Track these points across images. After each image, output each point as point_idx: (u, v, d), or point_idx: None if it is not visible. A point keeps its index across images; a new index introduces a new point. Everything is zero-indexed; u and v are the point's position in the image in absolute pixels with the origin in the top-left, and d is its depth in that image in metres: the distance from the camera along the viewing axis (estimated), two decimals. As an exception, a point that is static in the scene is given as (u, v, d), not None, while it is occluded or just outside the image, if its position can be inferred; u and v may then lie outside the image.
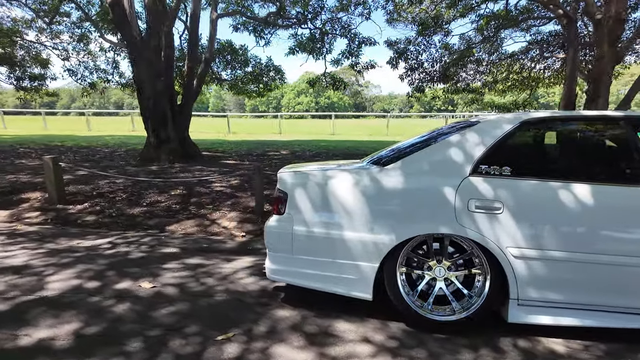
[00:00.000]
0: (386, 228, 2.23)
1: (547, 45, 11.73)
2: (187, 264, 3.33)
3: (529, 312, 2.15)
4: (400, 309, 2.26)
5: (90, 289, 2.76)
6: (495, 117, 2.42)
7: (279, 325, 2.28)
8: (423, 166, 2.31)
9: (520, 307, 2.15)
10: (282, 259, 2.46)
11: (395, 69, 11.38)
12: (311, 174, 2.47)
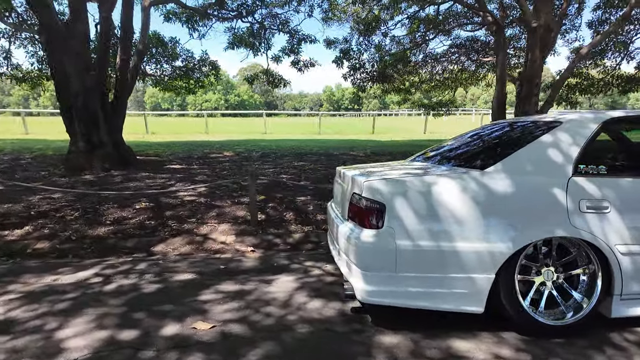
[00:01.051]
0: (502, 235, 2.12)
1: (472, 50, 12.88)
2: (223, 291, 2.83)
3: (629, 305, 2.24)
4: (515, 317, 2.18)
5: (130, 342, 2.16)
6: (577, 116, 2.47)
7: (399, 354, 2.03)
8: (525, 168, 2.26)
9: (621, 302, 2.22)
10: (381, 279, 2.19)
11: (340, 68, 11.43)
12: (409, 182, 2.24)
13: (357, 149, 11.95)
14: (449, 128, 21.83)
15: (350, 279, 2.33)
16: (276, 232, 4.40)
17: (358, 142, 14.45)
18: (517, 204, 2.18)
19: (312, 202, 5.36)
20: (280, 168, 8.26)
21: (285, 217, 4.83)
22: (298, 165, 8.61)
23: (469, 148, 2.94)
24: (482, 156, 2.55)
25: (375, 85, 12.17)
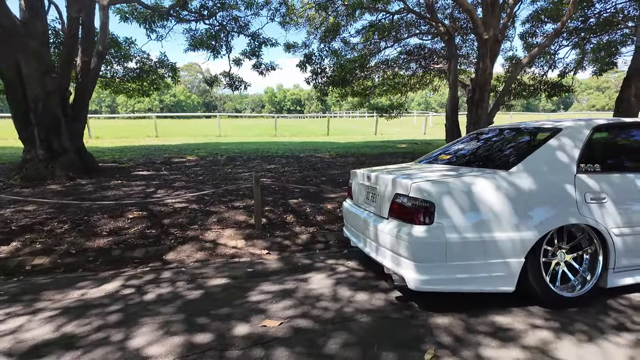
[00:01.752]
0: (529, 225, 2.53)
1: (420, 57, 13.79)
2: (268, 291, 2.97)
3: (620, 277, 2.77)
4: (540, 293, 2.60)
5: (209, 344, 2.24)
6: (574, 123, 2.98)
7: (456, 332, 2.35)
8: (541, 168, 2.70)
9: (615, 274, 2.75)
10: (433, 268, 2.50)
11: (304, 72, 11.66)
12: (452, 183, 2.58)
13: (321, 151, 12.27)
14: (396, 129, 23.01)
15: (401, 271, 2.60)
16: (283, 234, 4.55)
17: (319, 144, 14.78)
18: (539, 198, 2.61)
19: (307, 204, 5.56)
20: (255, 172, 8.29)
21: (286, 220, 4.98)
22: (271, 169, 8.71)
23: (485, 151, 3.36)
24: (502, 158, 2.97)
25: (336, 88, 12.58)
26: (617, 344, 2.22)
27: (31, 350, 2.22)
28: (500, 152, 3.20)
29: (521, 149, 2.97)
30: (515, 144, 3.23)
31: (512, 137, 3.37)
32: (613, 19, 12.62)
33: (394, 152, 12.06)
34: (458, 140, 3.91)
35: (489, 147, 3.42)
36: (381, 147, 13.39)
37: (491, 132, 3.70)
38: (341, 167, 8.82)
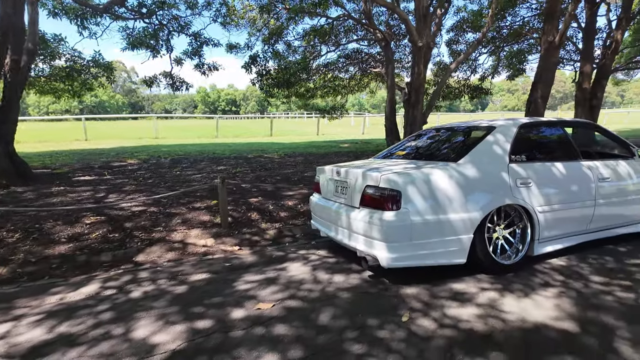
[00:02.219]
0: (476, 206, 3.07)
1: (357, 61, 14.53)
2: (252, 281, 3.19)
3: (543, 246, 3.43)
4: (485, 262, 3.15)
5: (212, 328, 2.43)
6: (504, 122, 3.60)
7: (424, 298, 2.79)
8: (483, 160, 3.26)
9: (538, 244, 3.41)
10: (401, 247, 2.93)
11: (249, 74, 11.73)
12: (414, 174, 3.02)
13: (268, 151, 12.44)
14: (336, 129, 23.80)
15: (374, 252, 2.99)
16: (250, 231, 4.74)
17: (264, 144, 14.90)
18: (482, 184, 3.16)
19: (268, 202, 5.78)
20: (206, 173, 8.28)
21: (251, 217, 5.17)
22: (222, 170, 8.74)
23: (436, 147, 3.89)
24: (451, 152, 3.50)
25: (281, 90, 12.82)
26: (545, 296, 2.81)
27: (31, 351, 2.24)
28: (449, 147, 3.75)
29: (465, 144, 3.53)
30: (460, 140, 3.80)
31: (456, 134, 3.95)
32: (521, 30, 14.42)
33: (339, 151, 12.62)
34: (410, 138, 4.44)
35: (439, 143, 3.97)
36: (326, 147, 13.90)
37: (438, 130, 4.27)
38: (292, 167, 9.11)
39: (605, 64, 12.81)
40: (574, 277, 3.15)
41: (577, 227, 3.62)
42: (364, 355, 2.13)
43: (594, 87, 12.86)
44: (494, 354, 2.12)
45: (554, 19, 9.78)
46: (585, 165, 3.67)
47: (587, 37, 12.82)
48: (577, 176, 3.58)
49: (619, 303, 2.68)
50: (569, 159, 3.67)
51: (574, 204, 3.52)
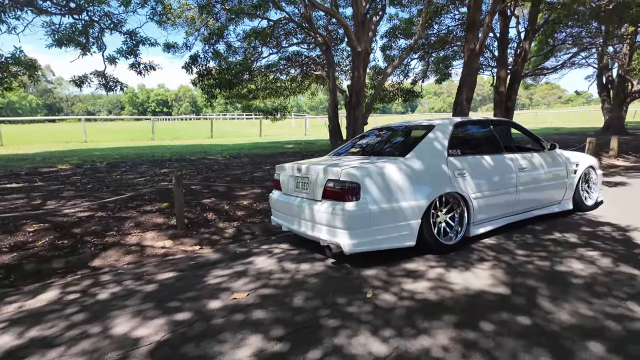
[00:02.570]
0: (422, 195, 3.49)
1: (297, 63, 14.83)
2: (222, 275, 3.31)
3: (476, 228, 3.98)
4: (431, 244, 3.58)
5: (192, 319, 2.54)
6: (441, 121, 4.09)
7: (383, 277, 3.14)
8: (426, 154, 3.70)
9: (473, 227, 3.94)
10: (361, 234, 3.25)
11: (190, 74, 11.47)
12: (370, 168, 3.37)
13: (212, 153, 12.25)
14: (278, 130, 23.92)
15: (337, 239, 3.29)
16: (208, 231, 4.80)
17: (206, 146, 14.59)
18: (427, 176, 3.60)
19: (222, 202, 5.83)
20: (149, 177, 8.03)
21: (207, 218, 5.21)
22: (166, 172, 8.51)
23: (384, 144, 4.28)
24: (399, 148, 3.90)
25: (223, 91, 12.68)
26: (481, 269, 3.30)
27: (4, 356, 2.19)
28: (396, 144, 4.17)
29: (410, 141, 3.96)
30: (406, 137, 4.24)
31: (402, 132, 4.39)
32: (446, 38, 15.75)
33: (284, 151, 12.82)
34: (359, 137, 4.81)
35: (386, 141, 4.38)
36: (271, 148, 14.02)
37: (383, 130, 4.69)
38: (240, 168, 9.13)
39: (517, 70, 14.48)
40: (503, 252, 3.71)
41: (504, 211, 4.23)
42: (338, 328, 2.40)
43: (509, 91, 14.45)
44: (446, 317, 2.51)
45: (474, 29, 10.90)
46: (507, 158, 4.31)
47: (501, 46, 14.37)
48: (502, 167, 4.19)
49: (539, 270, 3.25)
50: (495, 152, 4.28)
51: (501, 191, 4.12)
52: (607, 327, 2.34)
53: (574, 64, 19.29)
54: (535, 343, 2.19)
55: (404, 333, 2.33)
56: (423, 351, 2.14)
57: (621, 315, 2.47)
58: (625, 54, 18.84)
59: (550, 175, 4.66)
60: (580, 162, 5.06)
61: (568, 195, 4.95)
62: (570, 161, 4.95)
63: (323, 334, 2.34)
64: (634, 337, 2.23)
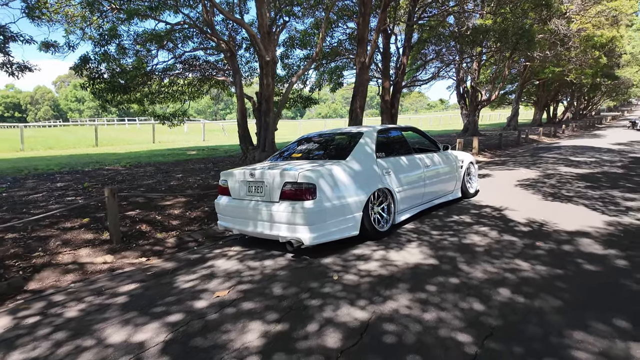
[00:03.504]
0: (362, 191, 4.14)
1: (194, 67, 14.50)
2: (191, 279, 3.44)
3: (399, 216, 4.80)
4: (370, 231, 4.25)
5: (187, 318, 2.70)
6: (367, 128, 4.81)
7: (339, 263, 3.67)
8: (362, 157, 4.37)
9: (397, 215, 4.76)
10: (318, 228, 3.74)
11: (81, 77, 10.35)
12: (322, 170, 3.87)
13: (106, 163, 11.26)
14: (170, 137, 22.67)
15: (297, 235, 3.71)
16: (147, 242, 4.72)
17: (95, 156, 13.25)
18: (363, 175, 4.26)
19: (150, 213, 5.67)
20: (46, 192, 7.19)
21: (141, 229, 5.06)
22: (64, 186, 7.69)
23: (324, 149, 4.81)
24: (339, 152, 4.47)
25: (117, 95, 11.74)
26: (411, 247, 4.08)
27: (-1, 382, 2.09)
28: (335, 149, 4.75)
29: (347, 146, 4.59)
30: (341, 143, 4.86)
31: (336, 139, 5.00)
32: (338, 50, 17.18)
33: (189, 158, 12.46)
34: (297, 143, 5.27)
35: (325, 146, 4.94)
36: (172, 155, 13.44)
37: (318, 136, 5.25)
38: (149, 177, 8.71)
39: (398, 81, 16.57)
40: (422, 234, 4.59)
41: (417, 201, 5.17)
42: (322, 305, 2.85)
43: (392, 99, 16.46)
44: (400, 285, 3.16)
45: (364, 45, 12.28)
46: (417, 158, 5.27)
47: (385, 60, 16.29)
48: (414, 165, 5.13)
49: (452, 244, 4.17)
50: (408, 153, 5.20)
51: (414, 185, 5.04)
52: (507, 277, 3.27)
53: (439, 76, 22.79)
54: (466, 294, 2.97)
55: (375, 301, 2.90)
56: (394, 311, 2.74)
57: (513, 269, 3.45)
58: (475, 70, 23.02)
59: (446, 170, 5.81)
60: (465, 159, 6.37)
61: (458, 186, 6.19)
62: (457, 159, 6.20)
63: (312, 311, 2.76)
64: (525, 282, 3.18)
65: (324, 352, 2.27)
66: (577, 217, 5.09)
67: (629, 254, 3.73)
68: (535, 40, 16.83)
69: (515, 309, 2.73)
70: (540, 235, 4.38)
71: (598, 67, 26.34)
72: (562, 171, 9.41)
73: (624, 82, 42.43)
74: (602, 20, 21.87)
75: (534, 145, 18.33)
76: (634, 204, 5.82)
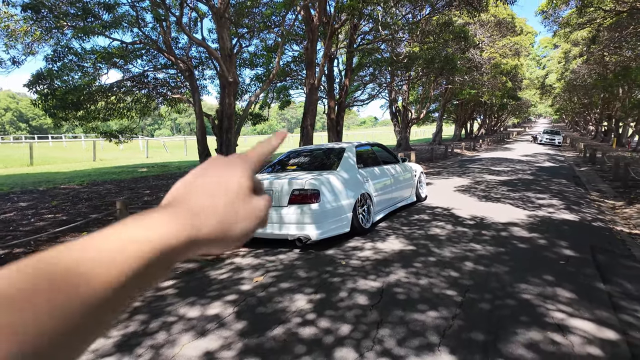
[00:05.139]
0: (352, 194, 5.08)
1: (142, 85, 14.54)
2: (222, 272, 4.05)
3: (376, 216, 5.81)
4: (358, 228, 5.18)
5: (240, 298, 3.37)
6: (347, 144, 5.79)
7: (340, 254, 4.54)
8: (348, 167, 5.32)
9: (374, 215, 5.76)
10: (322, 225, 4.58)
11: (33, 93, 10.02)
12: (322, 178, 4.73)
13: (58, 182, 10.90)
14: (110, 154, 21.73)
15: (306, 232, 4.52)
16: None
17: (39, 175, 12.60)
18: (351, 182, 5.20)
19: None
20: (19, 212, 7.07)
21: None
22: (30, 206, 7.58)
23: (316, 162, 5.66)
24: (331, 164, 5.37)
25: (68, 112, 11.45)
26: (392, 239, 5.08)
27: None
28: (326, 161, 5.63)
29: (336, 158, 5.51)
30: (329, 156, 5.75)
31: (323, 153, 5.90)
32: (286, 70, 18.21)
33: (144, 175, 12.46)
34: (287, 158, 6.07)
35: (315, 159, 5.80)
36: (125, 173, 13.26)
37: (306, 151, 6.12)
38: (118, 194, 8.80)
39: (342, 101, 18.00)
40: (396, 229, 5.63)
41: (387, 204, 6.23)
42: (343, 281, 3.69)
43: (337, 117, 17.80)
44: (394, 264, 4.11)
45: (312, 68, 13.45)
46: (385, 168, 6.36)
47: (329, 82, 17.64)
48: (384, 174, 6.20)
49: (421, 235, 5.25)
50: (378, 164, 6.27)
51: (385, 190, 6.10)
52: (468, 255, 4.39)
53: (376, 97, 24.89)
54: (444, 267, 4.01)
55: (380, 275, 3.81)
56: (397, 280, 3.67)
57: (471, 249, 4.59)
58: (406, 91, 25.52)
59: (406, 178, 6.99)
60: (417, 169, 7.64)
61: (413, 192, 7.41)
62: (412, 169, 7.44)
63: (337, 285, 3.59)
64: (481, 257, 4.32)
65: (360, 307, 3.12)
66: (507, 213, 6.52)
67: (546, 236, 5.09)
68: (457, 66, 19.39)
69: (480, 274, 3.82)
70: (483, 226, 5.66)
71: (505, 89, 30.60)
72: (487, 179, 11.25)
73: (525, 103, 49.34)
74: (506, 51, 25.69)
75: (460, 158, 20.84)
76: (544, 202, 7.48)
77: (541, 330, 2.73)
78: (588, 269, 3.91)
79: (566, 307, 3.09)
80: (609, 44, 20.04)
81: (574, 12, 17.05)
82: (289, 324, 2.87)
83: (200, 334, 2.78)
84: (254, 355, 2.49)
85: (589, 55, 22.83)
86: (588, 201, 7.67)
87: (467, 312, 3.00)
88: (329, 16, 14.00)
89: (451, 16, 19.06)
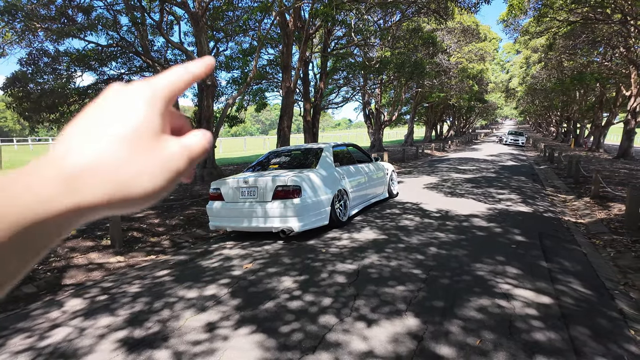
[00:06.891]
0: (330, 190, 5.56)
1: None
2: (212, 261, 4.43)
3: (352, 210, 6.32)
4: (336, 221, 5.66)
5: (233, 281, 3.77)
6: (325, 144, 6.27)
7: (322, 244, 5.00)
8: (326, 165, 5.80)
9: (350, 209, 6.26)
10: (304, 218, 5.03)
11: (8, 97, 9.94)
12: (303, 175, 5.18)
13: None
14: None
15: (289, 224, 4.95)
16: (146, 245, 5.45)
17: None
18: (329, 179, 5.68)
19: (134, 224, 6.29)
20: None
21: (135, 236, 5.73)
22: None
23: (297, 161, 6.09)
24: (310, 163, 5.82)
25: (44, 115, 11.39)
26: (366, 230, 5.59)
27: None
28: (306, 160, 6.08)
29: (314, 158, 5.97)
30: (307, 156, 6.20)
31: (303, 153, 6.35)
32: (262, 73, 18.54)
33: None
34: (267, 157, 6.47)
35: (295, 158, 6.24)
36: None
37: (287, 151, 6.54)
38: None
39: (317, 104, 18.51)
40: (370, 222, 6.15)
41: (361, 200, 6.76)
42: (323, 265, 4.15)
43: (313, 120, 18.28)
44: (368, 250, 4.61)
45: (288, 71, 13.89)
46: (359, 166, 6.88)
47: (305, 85, 18.12)
48: (359, 172, 6.72)
49: (392, 227, 5.79)
50: (354, 163, 6.78)
51: (360, 187, 6.62)
52: (432, 242, 4.95)
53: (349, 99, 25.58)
54: (411, 252, 4.55)
55: (356, 259, 4.30)
56: (371, 263, 4.17)
57: (435, 237, 5.17)
58: (378, 94, 26.36)
59: (379, 176, 7.54)
60: (388, 168, 8.22)
61: (385, 189, 7.98)
62: (385, 168, 8.01)
63: (319, 268, 4.06)
64: (444, 243, 4.89)
65: (339, 285, 3.59)
66: (469, 206, 7.18)
67: (502, 225, 5.75)
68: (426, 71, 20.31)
69: (442, 256, 4.38)
70: (447, 218, 6.27)
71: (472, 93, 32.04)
72: (454, 177, 12.02)
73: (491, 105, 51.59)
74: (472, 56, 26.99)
75: (430, 158, 21.78)
76: (503, 196, 8.22)
77: (490, 298, 3.29)
78: (535, 251, 4.54)
79: (512, 280, 3.68)
80: (565, 51, 21.52)
81: (532, 21, 18.26)
82: (278, 300, 3.31)
83: (201, 310, 3.18)
84: (250, 323, 2.92)
85: (547, 61, 24.37)
86: (543, 195, 8.48)
87: (430, 286, 3.53)
88: (303, 21, 14.51)
89: (420, 23, 19.99)
